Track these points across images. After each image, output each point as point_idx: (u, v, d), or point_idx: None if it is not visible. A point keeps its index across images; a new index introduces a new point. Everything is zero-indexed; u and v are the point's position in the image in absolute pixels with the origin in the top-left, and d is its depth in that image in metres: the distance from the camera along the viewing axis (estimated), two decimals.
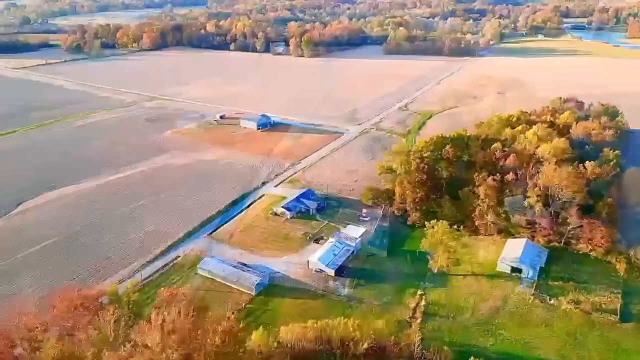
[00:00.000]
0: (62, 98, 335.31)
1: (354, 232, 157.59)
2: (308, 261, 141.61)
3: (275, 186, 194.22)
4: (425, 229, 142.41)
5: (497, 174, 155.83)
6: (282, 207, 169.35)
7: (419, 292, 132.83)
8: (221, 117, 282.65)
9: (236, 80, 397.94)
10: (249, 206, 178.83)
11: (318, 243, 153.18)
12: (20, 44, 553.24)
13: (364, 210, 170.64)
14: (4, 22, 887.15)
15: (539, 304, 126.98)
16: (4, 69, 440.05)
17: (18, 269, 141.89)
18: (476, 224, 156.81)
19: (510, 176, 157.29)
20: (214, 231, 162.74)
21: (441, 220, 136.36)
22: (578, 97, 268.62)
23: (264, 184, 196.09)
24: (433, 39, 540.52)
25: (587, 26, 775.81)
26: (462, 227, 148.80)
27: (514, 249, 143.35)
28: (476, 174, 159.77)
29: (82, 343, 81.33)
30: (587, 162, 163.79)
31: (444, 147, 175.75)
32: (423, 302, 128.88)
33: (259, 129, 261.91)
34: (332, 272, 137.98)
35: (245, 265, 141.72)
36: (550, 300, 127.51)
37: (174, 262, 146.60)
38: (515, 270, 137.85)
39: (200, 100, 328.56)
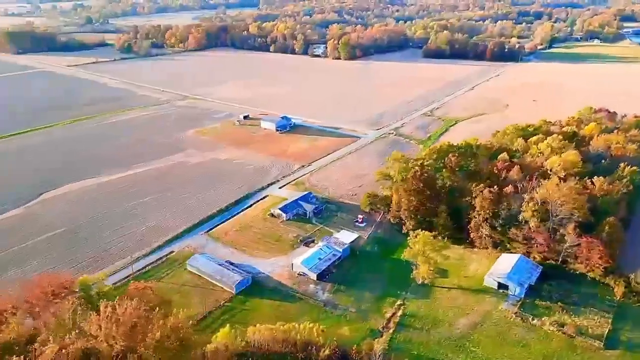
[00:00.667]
0: (103, 95, 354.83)
1: (346, 237, 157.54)
2: (292, 264, 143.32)
3: (280, 188, 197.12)
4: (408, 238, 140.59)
5: (495, 186, 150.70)
6: (279, 209, 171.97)
7: (399, 302, 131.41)
8: (245, 117, 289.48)
9: (269, 81, 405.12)
10: (250, 206, 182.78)
11: (308, 246, 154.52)
12: (77, 43, 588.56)
13: (360, 216, 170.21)
14: (70, 22, 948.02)
15: (520, 323, 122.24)
16: (58, 67, 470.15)
17: (27, 254, 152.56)
18: (471, 236, 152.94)
19: (509, 188, 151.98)
20: (211, 229, 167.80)
21: (423, 230, 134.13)
22: (621, 108, 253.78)
23: (269, 185, 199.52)
24: (476, 42, 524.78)
25: None
26: (447, 238, 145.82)
27: (504, 264, 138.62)
28: (474, 184, 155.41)
29: (41, 328, 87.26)
30: (595, 177, 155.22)
31: (447, 156, 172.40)
32: (400, 313, 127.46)
33: (277, 130, 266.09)
34: (314, 276, 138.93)
35: (232, 264, 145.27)
36: (533, 320, 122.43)
37: (168, 256, 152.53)
38: (502, 286, 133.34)
39: (230, 101, 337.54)
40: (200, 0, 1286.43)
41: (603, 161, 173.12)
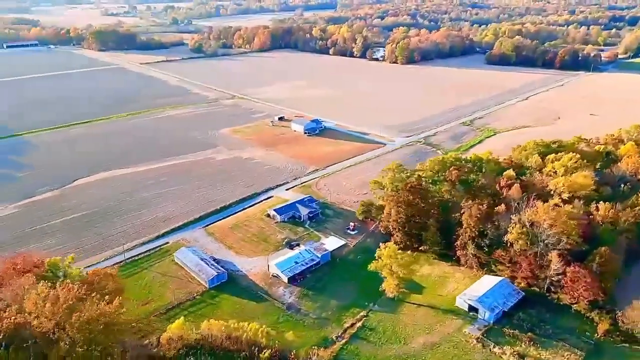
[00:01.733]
0: (161, 92, 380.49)
1: (331, 244, 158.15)
2: (268, 265, 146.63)
3: (287, 189, 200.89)
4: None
5: (485, 204, 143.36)
6: (274, 210, 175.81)
7: (362, 313, 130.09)
8: (280, 118, 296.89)
9: (317, 83, 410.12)
10: (252, 205, 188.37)
11: (292, 249, 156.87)
12: (155, 42, 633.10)
13: (352, 224, 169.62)
14: (159, 22, 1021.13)
15: (480, 349, 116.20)
16: (131, 64, 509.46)
17: (45, 233, 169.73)
18: (457, 254, 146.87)
19: (501, 207, 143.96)
20: (209, 224, 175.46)
21: (391, 243, 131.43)
22: None
23: (278, 186, 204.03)
24: (546, 49, 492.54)
25: None
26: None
27: (480, 287, 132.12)
28: (464, 200, 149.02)
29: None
30: (601, 202, 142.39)
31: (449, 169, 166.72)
32: (359, 324, 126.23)
33: (306, 133, 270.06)
34: (285, 279, 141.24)
35: (215, 259, 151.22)
36: (493, 347, 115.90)
37: (162, 247, 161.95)
38: (473, 309, 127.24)
39: (273, 101, 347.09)
40: (280, 3, 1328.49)
41: (623, 185, 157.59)
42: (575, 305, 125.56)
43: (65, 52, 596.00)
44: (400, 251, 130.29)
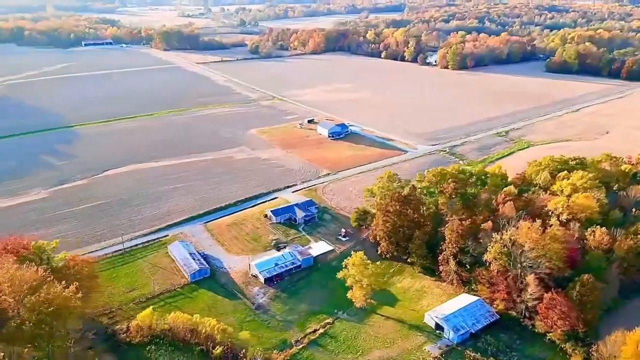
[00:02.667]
0: (207, 91, 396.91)
1: (317, 249, 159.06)
2: (249, 264, 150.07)
3: (293, 192, 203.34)
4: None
5: (465, 219, 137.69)
6: (271, 211, 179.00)
7: (328, 320, 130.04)
8: (309, 121, 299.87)
9: (359, 87, 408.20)
10: (254, 205, 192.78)
11: (279, 251, 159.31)
12: (216, 43, 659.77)
13: (343, 230, 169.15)
14: (228, 23, 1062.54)
15: None
16: (189, 64, 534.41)
17: (64, 217, 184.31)
18: (440, 269, 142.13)
19: (487, 224, 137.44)
20: (210, 221, 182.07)
21: (360, 252, 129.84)
22: None
23: (285, 187, 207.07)
24: (613, 58, 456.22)
25: None
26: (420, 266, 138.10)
27: (452, 305, 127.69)
28: (450, 214, 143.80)
29: None
30: (598, 227, 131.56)
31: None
32: (322, 331, 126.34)
33: (329, 136, 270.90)
34: (262, 279, 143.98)
35: (203, 255, 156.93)
36: None
37: (160, 239, 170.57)
38: (439, 327, 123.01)
39: (309, 104, 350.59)
40: (347, 5, 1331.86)
41: (634, 210, 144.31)
42: (550, 334, 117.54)
43: (134, 51, 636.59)
44: (369, 261, 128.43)
